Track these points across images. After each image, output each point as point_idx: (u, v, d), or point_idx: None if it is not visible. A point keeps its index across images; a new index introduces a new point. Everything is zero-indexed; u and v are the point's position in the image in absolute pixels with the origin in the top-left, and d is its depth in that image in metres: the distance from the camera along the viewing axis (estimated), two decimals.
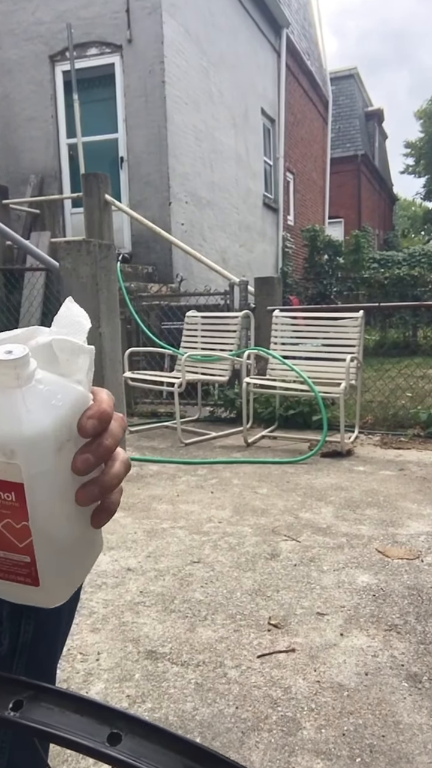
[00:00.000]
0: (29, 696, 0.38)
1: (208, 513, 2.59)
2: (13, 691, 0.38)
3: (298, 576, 1.97)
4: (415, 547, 2.19)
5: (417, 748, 1.19)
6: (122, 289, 5.17)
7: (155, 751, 0.35)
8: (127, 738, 0.35)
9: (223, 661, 1.49)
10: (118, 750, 0.34)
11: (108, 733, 0.35)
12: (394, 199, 27.02)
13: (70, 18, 7.18)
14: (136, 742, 0.35)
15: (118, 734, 0.35)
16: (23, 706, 0.37)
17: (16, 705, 0.37)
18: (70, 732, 0.35)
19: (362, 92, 20.35)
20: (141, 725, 0.36)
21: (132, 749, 0.34)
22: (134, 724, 0.36)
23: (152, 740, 0.35)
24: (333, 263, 11.76)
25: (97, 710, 0.37)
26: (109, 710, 0.37)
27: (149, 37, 7.06)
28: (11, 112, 7.73)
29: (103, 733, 0.35)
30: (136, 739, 0.35)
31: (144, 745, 0.35)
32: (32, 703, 0.37)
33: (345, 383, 3.55)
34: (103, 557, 2.13)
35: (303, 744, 1.21)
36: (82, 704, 0.37)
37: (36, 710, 0.37)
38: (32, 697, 0.38)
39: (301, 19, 12.88)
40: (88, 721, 0.36)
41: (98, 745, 0.35)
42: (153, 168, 7.25)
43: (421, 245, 16.52)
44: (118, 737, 0.35)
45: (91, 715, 0.37)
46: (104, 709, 0.37)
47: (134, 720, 0.36)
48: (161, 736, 0.36)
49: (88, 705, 0.37)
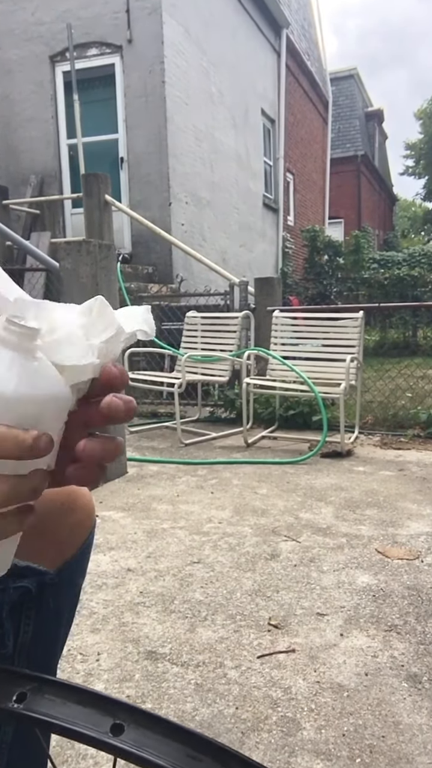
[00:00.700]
0: (32, 688, 0.38)
1: (208, 513, 2.59)
2: (17, 683, 0.38)
3: (298, 576, 1.97)
4: (415, 548, 2.19)
5: (417, 749, 1.19)
6: (122, 289, 5.18)
7: (158, 741, 0.35)
8: (130, 728, 0.35)
9: (223, 662, 1.49)
10: (121, 740, 0.35)
11: (111, 724, 0.36)
12: (394, 199, 27.03)
13: (70, 18, 7.18)
14: (139, 732, 0.35)
15: (120, 725, 0.35)
16: (27, 697, 0.37)
17: (19, 697, 0.37)
18: (74, 723, 0.36)
19: (362, 92, 20.37)
20: (143, 716, 0.36)
21: (135, 739, 0.35)
22: (137, 715, 0.36)
23: (155, 730, 0.36)
24: (333, 263, 11.77)
25: (99, 701, 0.37)
26: (111, 701, 0.37)
27: (149, 37, 7.06)
28: (11, 112, 7.73)
29: (105, 724, 0.36)
30: (138, 730, 0.35)
31: (147, 735, 0.35)
32: (35, 695, 0.38)
33: (345, 383, 3.55)
34: (103, 557, 2.13)
35: (303, 744, 1.21)
36: (84, 696, 0.38)
37: (39, 702, 0.37)
38: (35, 689, 0.38)
39: (301, 19, 12.89)
40: (91, 712, 0.36)
41: (101, 735, 0.35)
42: (153, 168, 7.25)
43: (421, 246, 16.53)
44: (120, 728, 0.35)
45: (93, 706, 0.37)
46: (107, 700, 0.37)
47: (137, 711, 0.36)
48: (163, 727, 0.36)
49: (91, 696, 0.37)
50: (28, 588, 0.61)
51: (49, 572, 0.63)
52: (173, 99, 7.28)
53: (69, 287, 3.65)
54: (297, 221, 12.83)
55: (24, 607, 0.62)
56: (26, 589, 0.60)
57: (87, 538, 0.70)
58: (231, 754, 0.34)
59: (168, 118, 7.16)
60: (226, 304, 5.26)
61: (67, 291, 3.72)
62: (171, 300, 5.96)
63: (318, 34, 14.32)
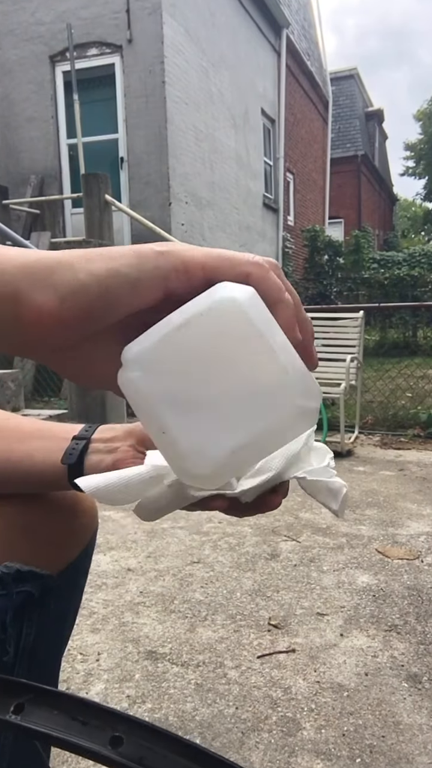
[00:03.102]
0: (30, 699, 0.38)
1: (208, 513, 2.59)
2: (15, 693, 0.38)
3: (298, 576, 1.97)
4: (415, 548, 2.19)
5: (417, 749, 1.19)
6: None
7: (157, 753, 0.35)
8: (129, 741, 0.35)
9: (223, 662, 1.49)
10: (119, 753, 0.35)
11: (110, 737, 0.35)
12: (394, 199, 27.03)
13: (70, 18, 7.18)
14: (138, 745, 0.35)
15: (119, 737, 0.35)
16: (24, 709, 0.37)
17: (17, 708, 0.37)
18: (72, 735, 0.35)
19: (362, 92, 20.36)
20: (142, 728, 0.36)
21: (133, 752, 0.35)
22: (136, 727, 0.36)
23: (154, 743, 0.35)
24: (333, 263, 11.76)
25: (98, 713, 0.37)
26: (110, 713, 0.37)
27: (149, 37, 7.06)
28: (11, 112, 7.73)
29: (104, 736, 0.35)
30: (137, 742, 0.35)
31: (146, 748, 0.35)
32: (34, 706, 0.37)
33: (345, 383, 3.55)
34: (103, 557, 2.13)
35: (303, 744, 1.21)
36: (83, 707, 0.37)
37: (37, 713, 0.37)
38: (34, 701, 0.38)
39: (301, 19, 12.89)
40: (90, 724, 0.36)
41: (100, 748, 0.35)
42: (153, 168, 7.25)
43: (421, 246, 16.52)
44: (119, 740, 0.35)
45: (92, 718, 0.37)
46: (106, 712, 0.37)
47: (136, 723, 0.36)
48: (163, 739, 0.36)
49: (90, 708, 0.37)
50: (31, 592, 0.61)
51: (51, 576, 0.63)
52: (173, 99, 7.28)
53: None
54: (297, 221, 12.82)
55: (26, 611, 0.62)
56: (29, 593, 0.60)
57: (90, 541, 0.70)
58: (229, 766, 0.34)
59: (168, 118, 7.15)
60: None
61: None
62: None
63: (318, 33, 14.32)
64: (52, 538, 0.64)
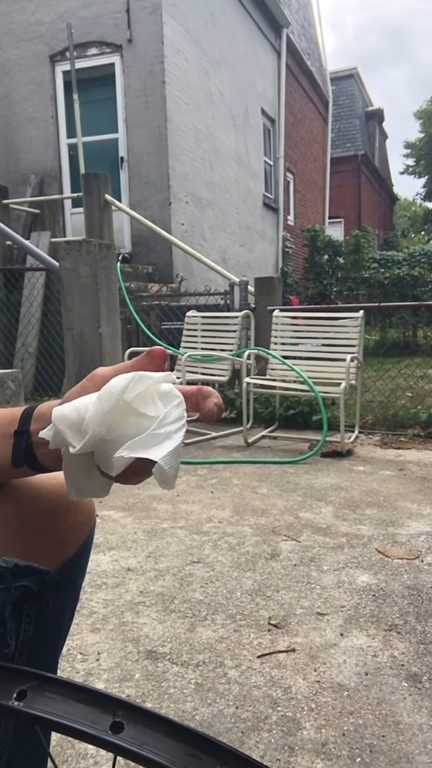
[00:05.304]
0: (33, 686, 0.38)
1: (208, 513, 2.59)
2: (17, 681, 0.38)
3: (298, 576, 1.97)
4: (415, 547, 2.19)
5: (417, 748, 1.19)
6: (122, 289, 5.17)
7: (157, 739, 0.35)
8: (130, 727, 0.35)
9: (223, 661, 1.49)
10: (120, 738, 0.35)
11: (111, 722, 0.36)
12: (394, 199, 27.03)
13: (70, 18, 7.19)
14: (139, 730, 0.35)
15: (120, 723, 0.36)
16: (27, 695, 0.37)
17: (20, 695, 0.37)
18: (73, 721, 0.36)
19: (362, 92, 20.36)
20: (143, 714, 0.36)
21: (134, 737, 0.35)
22: (136, 713, 0.36)
23: (154, 729, 0.36)
24: (333, 263, 11.76)
25: (99, 699, 0.37)
26: (111, 699, 0.37)
27: (149, 37, 7.06)
28: (11, 112, 7.74)
29: (105, 722, 0.36)
30: (138, 728, 0.35)
31: (146, 734, 0.35)
32: (36, 693, 0.38)
33: (345, 383, 3.55)
34: (103, 557, 2.13)
35: (303, 744, 1.21)
36: (84, 694, 0.38)
37: (39, 700, 0.37)
38: (36, 687, 0.38)
39: (301, 19, 12.89)
40: (91, 710, 0.36)
41: (101, 733, 0.35)
42: (153, 168, 7.25)
43: (421, 245, 16.52)
44: (120, 726, 0.35)
45: (93, 704, 0.37)
46: (107, 698, 0.37)
47: (136, 709, 0.36)
48: (163, 725, 0.36)
49: (91, 694, 0.37)
50: (29, 587, 0.61)
51: (49, 572, 0.63)
52: (173, 99, 7.28)
53: (69, 287, 3.64)
54: (297, 221, 12.83)
55: (25, 606, 0.62)
56: (27, 588, 0.61)
57: (87, 538, 0.70)
58: (230, 752, 0.34)
59: (168, 117, 7.15)
60: (226, 303, 5.27)
61: (67, 291, 3.72)
62: (171, 300, 5.96)
63: (318, 33, 14.32)
64: (49, 535, 0.65)
